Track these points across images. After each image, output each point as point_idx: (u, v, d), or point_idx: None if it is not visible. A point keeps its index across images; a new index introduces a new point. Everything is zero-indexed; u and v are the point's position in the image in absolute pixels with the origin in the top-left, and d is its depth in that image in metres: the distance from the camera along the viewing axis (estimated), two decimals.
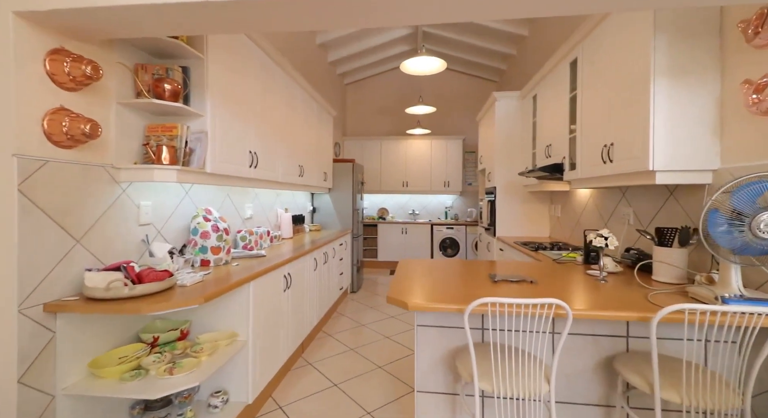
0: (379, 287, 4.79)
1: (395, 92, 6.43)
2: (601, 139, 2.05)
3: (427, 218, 6.43)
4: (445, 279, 1.74)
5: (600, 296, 1.44)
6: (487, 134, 4.16)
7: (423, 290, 1.55)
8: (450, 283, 1.66)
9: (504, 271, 1.92)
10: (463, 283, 1.66)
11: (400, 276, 1.80)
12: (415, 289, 1.56)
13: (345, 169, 4.50)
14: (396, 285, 1.62)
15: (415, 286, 1.61)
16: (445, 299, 1.40)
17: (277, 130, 2.80)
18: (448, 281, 1.71)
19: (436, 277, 1.79)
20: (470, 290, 1.52)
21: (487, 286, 1.60)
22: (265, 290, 2.03)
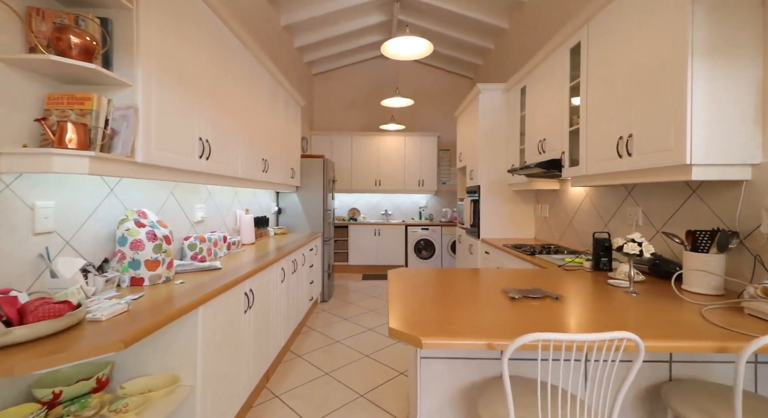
0: (352, 295, 4.39)
1: (367, 85, 6.06)
2: (614, 130, 1.82)
3: (401, 218, 6.12)
4: (453, 296, 1.40)
5: (649, 317, 1.17)
6: (468, 130, 3.91)
7: (431, 314, 1.20)
8: (461, 302, 1.33)
9: (513, 282, 1.63)
10: (476, 302, 1.34)
11: (397, 295, 1.44)
12: (421, 313, 1.21)
13: (315, 165, 4.06)
14: (396, 310, 1.26)
15: (420, 308, 1.26)
16: (467, 331, 1.06)
17: (236, 117, 2.33)
18: (457, 299, 1.37)
19: (441, 294, 1.45)
20: (492, 314, 1.20)
21: (506, 305, 1.29)
22: (220, 314, 1.59)
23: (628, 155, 1.71)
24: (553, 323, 1.11)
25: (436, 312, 1.22)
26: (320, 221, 4.04)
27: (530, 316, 1.17)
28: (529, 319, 1.14)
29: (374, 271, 5.63)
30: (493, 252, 3.12)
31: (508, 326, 1.09)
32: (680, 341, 0.98)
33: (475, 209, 3.59)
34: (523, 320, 1.13)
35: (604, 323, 1.10)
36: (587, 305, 1.29)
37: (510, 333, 1.03)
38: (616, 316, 1.18)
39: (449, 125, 6.06)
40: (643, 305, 1.30)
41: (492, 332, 1.03)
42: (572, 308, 1.26)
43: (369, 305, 3.95)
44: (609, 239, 1.89)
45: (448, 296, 1.41)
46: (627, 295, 1.44)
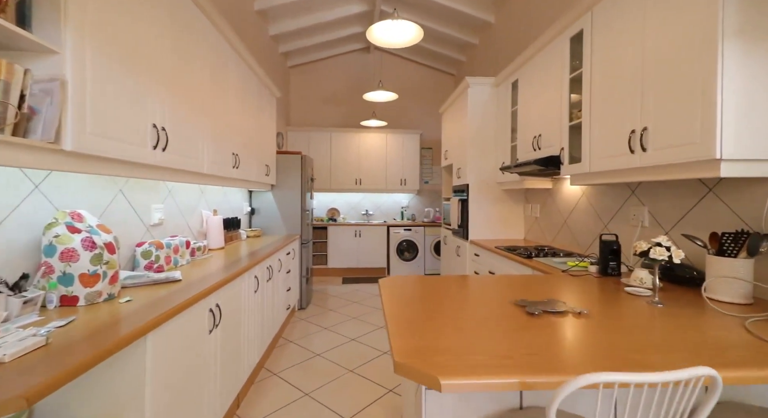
0: (332, 300, 4.12)
1: (347, 79, 5.79)
2: (624, 124, 1.67)
3: (382, 218, 5.90)
4: (462, 313, 1.19)
5: (693, 336, 1.00)
6: (455, 127, 3.74)
7: (442, 338, 0.98)
8: (473, 320, 1.12)
9: (520, 291, 1.44)
10: (491, 320, 1.13)
11: (395, 312, 1.21)
12: (430, 338, 0.99)
13: (292, 162, 3.76)
14: (398, 334, 1.02)
15: (426, 331, 1.04)
16: (493, 362, 0.84)
17: (203, 105, 2.02)
18: (467, 316, 1.16)
19: (446, 309, 1.23)
20: (514, 335, 0.99)
21: (526, 324, 1.09)
22: (178, 338, 1.30)
23: (642, 150, 1.56)
24: (591, 347, 0.92)
25: (447, 335, 1.00)
26: (298, 222, 3.75)
27: (559, 338, 0.98)
28: (558, 342, 0.95)
29: (355, 274, 5.38)
30: (483, 255, 2.95)
31: (539, 352, 0.88)
32: (758, 369, 0.81)
33: (463, 208, 3.42)
34: (554, 344, 0.93)
35: (648, 347, 0.92)
36: (616, 321, 1.12)
37: (546, 365, 0.82)
38: (655, 335, 1.00)
39: (431, 123, 5.90)
40: (675, 319, 1.14)
41: (524, 364, 0.83)
42: (602, 325, 1.08)
43: (350, 312, 3.70)
44: (617, 242, 1.75)
45: (455, 312, 1.19)
46: (651, 305, 1.28)
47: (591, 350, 0.90)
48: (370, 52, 5.72)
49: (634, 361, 0.85)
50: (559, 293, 1.44)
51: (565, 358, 0.86)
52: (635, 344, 0.94)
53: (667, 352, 0.89)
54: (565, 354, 0.88)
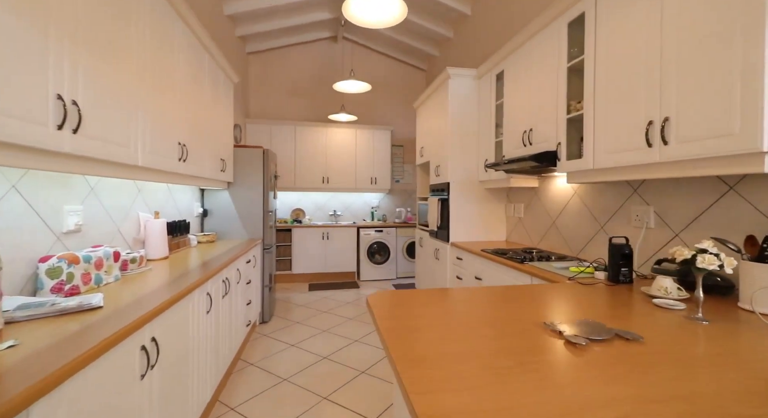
0: (297, 311, 3.73)
1: (313, 70, 5.38)
2: (639, 114, 1.50)
3: (351, 219, 5.56)
4: (488, 343, 0.91)
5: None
6: (433, 122, 3.51)
7: (484, 396, 0.69)
8: (512, 358, 0.85)
9: (533, 305, 1.20)
10: (530, 354, 0.86)
11: (403, 352, 0.90)
12: (466, 395, 0.69)
13: (252, 157, 3.33)
14: (419, 391, 0.72)
15: (457, 380, 0.75)
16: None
17: (135, 75, 1.59)
18: (500, 349, 0.89)
19: (466, 338, 0.95)
20: (564, 379, 0.73)
21: (576, 360, 0.83)
22: (90, 399, 0.91)
23: (663, 144, 1.39)
24: (688, 401, 0.68)
25: (486, 386, 0.72)
26: (260, 225, 3.32)
27: (629, 382, 0.73)
28: (643, 396, 0.70)
29: (323, 279, 5.00)
30: (468, 258, 2.74)
31: (615, 411, 0.63)
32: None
33: (443, 209, 3.19)
34: (639, 401, 0.68)
35: (753, 394, 0.70)
36: (681, 351, 0.90)
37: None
38: (746, 373, 0.79)
39: (402, 119, 5.66)
40: (738, 343, 0.94)
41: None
42: (671, 358, 0.85)
43: (320, 324, 3.34)
44: (628, 245, 1.58)
45: (481, 345, 0.92)
46: (695, 322, 1.09)
47: (696, 409, 0.66)
48: (337, 41, 5.36)
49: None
50: (582, 309, 1.22)
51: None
52: (735, 390, 0.72)
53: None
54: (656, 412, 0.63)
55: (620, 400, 0.67)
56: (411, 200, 5.74)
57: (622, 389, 0.71)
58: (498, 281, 2.26)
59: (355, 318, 3.50)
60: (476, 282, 2.57)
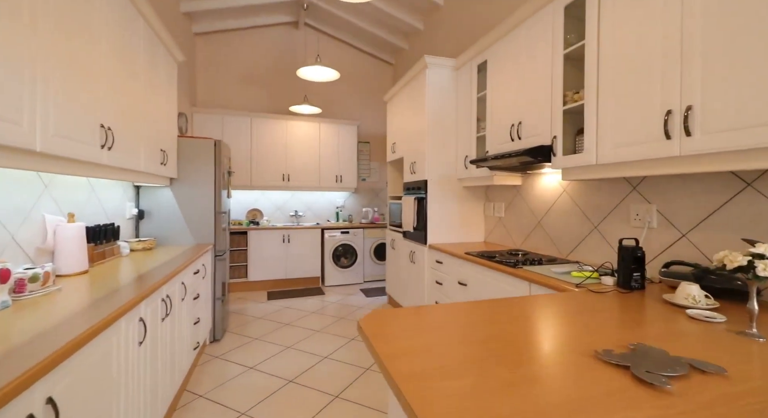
0: (255, 325, 3.31)
1: (272, 57, 4.92)
2: (655, 103, 1.35)
3: (314, 220, 5.17)
4: (534, 384, 0.66)
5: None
6: (407, 115, 3.27)
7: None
8: (572, 409, 0.60)
9: (558, 323, 0.99)
10: (601, 407, 0.62)
11: (430, 408, 0.63)
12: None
13: (201, 149, 2.86)
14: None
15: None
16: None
17: (32, 30, 1.15)
18: (550, 394, 0.64)
19: (503, 381, 0.69)
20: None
21: (654, 410, 0.61)
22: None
23: (685, 135, 1.25)
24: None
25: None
26: (210, 228, 2.87)
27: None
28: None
29: (283, 286, 4.57)
30: (449, 262, 2.52)
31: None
32: None
33: (419, 209, 2.96)
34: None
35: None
36: (760, 379, 0.71)
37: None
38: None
39: (369, 114, 5.38)
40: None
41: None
42: (761, 397, 0.66)
43: (282, 339, 2.96)
44: (640, 248, 1.43)
45: (539, 398, 0.66)
46: (753, 340, 0.93)
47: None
48: (299, 28, 4.95)
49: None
50: (613, 325, 1.02)
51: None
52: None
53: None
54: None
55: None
56: (378, 200, 5.48)
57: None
58: (486, 286, 2.07)
59: (322, 330, 3.15)
60: (460, 288, 2.36)
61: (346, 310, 3.71)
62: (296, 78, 5.00)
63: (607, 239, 1.90)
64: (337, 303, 3.94)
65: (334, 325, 3.27)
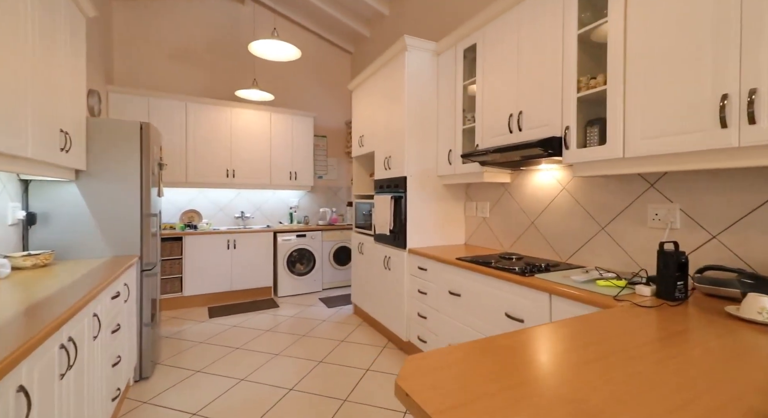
0: (194, 352, 2.71)
1: (214, 34, 4.23)
2: (704, 87, 1.18)
3: (264, 222, 4.58)
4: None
5: None
6: (379, 105, 2.92)
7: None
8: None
9: (647, 359, 0.74)
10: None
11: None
12: None
13: (121, 134, 2.22)
14: None
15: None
16: None
17: None
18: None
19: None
20: None
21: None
22: None
23: (749, 123, 1.08)
24: None
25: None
26: (135, 235, 2.23)
27: None
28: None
29: (228, 300, 3.93)
30: (435, 269, 2.23)
31: None
32: None
33: (397, 209, 2.63)
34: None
35: None
36: None
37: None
38: None
39: (326, 106, 4.92)
40: None
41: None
42: None
43: (231, 369, 2.43)
44: (683, 253, 1.26)
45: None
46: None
47: None
48: (244, 3, 4.32)
49: None
50: (716, 361, 0.79)
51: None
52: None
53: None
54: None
55: None
56: (337, 199, 5.05)
57: None
58: (486, 297, 1.81)
59: (281, 353, 2.67)
60: (451, 299, 2.08)
61: (307, 325, 3.25)
62: (243, 59, 4.37)
63: (617, 241, 1.75)
64: (295, 317, 3.45)
65: (295, 346, 2.80)
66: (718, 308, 1.17)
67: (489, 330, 1.80)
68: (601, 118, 1.65)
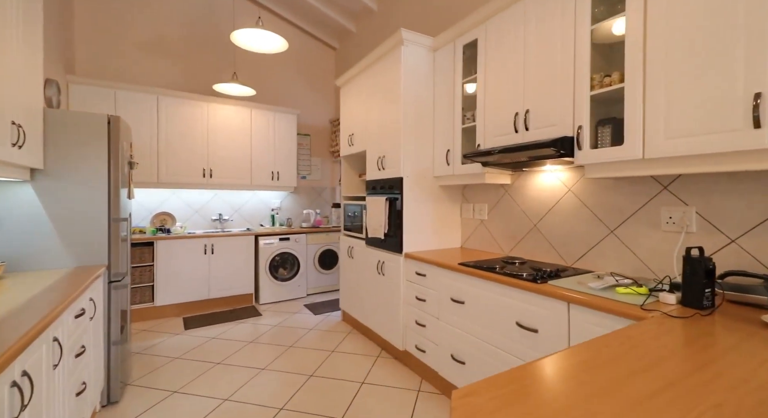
0: (169, 369, 2.47)
1: (190, 21, 3.94)
2: (735, 84, 1.13)
3: (244, 225, 4.32)
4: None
5: None
6: (371, 102, 2.79)
7: None
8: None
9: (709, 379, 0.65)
10: None
11: None
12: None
13: (87, 128, 1.96)
14: None
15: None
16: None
17: None
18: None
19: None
20: None
21: None
22: None
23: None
24: None
25: None
26: (101, 242, 1.99)
27: None
28: None
29: (205, 309, 3.66)
30: (435, 275, 2.12)
31: None
32: None
33: (391, 211, 2.50)
34: None
35: None
36: None
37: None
38: None
39: (310, 103, 4.73)
40: None
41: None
42: None
43: (212, 388, 2.22)
44: (710, 259, 1.20)
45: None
46: None
47: None
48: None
49: None
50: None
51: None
52: None
53: None
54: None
55: None
56: (321, 200, 4.85)
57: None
58: (493, 305, 1.72)
59: (268, 366, 2.47)
60: (454, 306, 1.98)
61: (293, 334, 3.06)
62: (222, 51, 4.11)
63: (627, 244, 1.70)
64: (279, 326, 3.25)
65: (282, 358, 2.61)
66: (751, 316, 1.12)
67: (497, 340, 1.70)
68: (613, 118, 1.60)
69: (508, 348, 1.65)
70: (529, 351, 1.55)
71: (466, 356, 1.89)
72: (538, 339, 1.52)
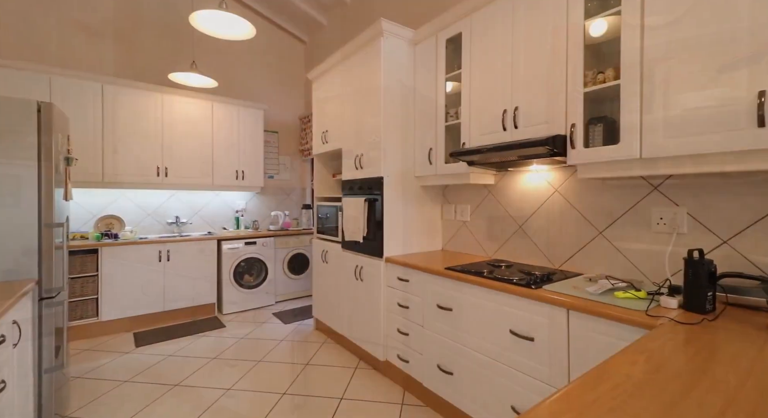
0: (117, 395, 2.16)
1: (141, 6, 3.55)
2: (739, 82, 1.10)
3: (205, 228, 3.97)
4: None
5: None
6: (347, 97, 2.62)
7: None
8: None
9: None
10: None
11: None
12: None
13: (8, 117, 1.64)
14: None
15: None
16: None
17: None
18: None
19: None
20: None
21: None
22: None
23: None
24: None
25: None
26: (30, 252, 1.66)
27: None
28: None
29: (160, 322, 3.30)
30: (419, 280, 2.00)
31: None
32: None
33: (371, 213, 2.35)
34: None
35: None
36: None
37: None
38: None
39: (277, 99, 4.46)
40: None
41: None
42: None
43: (163, 416, 1.95)
44: (711, 261, 1.18)
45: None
46: None
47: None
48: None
49: None
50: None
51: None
52: None
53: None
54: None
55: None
56: (290, 201, 4.59)
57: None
58: (484, 311, 1.62)
59: (234, 386, 2.23)
60: (440, 313, 1.86)
61: (262, 347, 2.81)
62: (179, 38, 3.75)
63: (616, 246, 1.67)
64: (246, 338, 2.98)
65: (250, 375, 2.37)
66: (756, 320, 1.09)
67: (489, 349, 1.61)
68: (605, 117, 1.56)
69: (502, 357, 1.56)
70: (524, 360, 1.47)
71: (454, 365, 1.78)
72: (534, 348, 1.44)
